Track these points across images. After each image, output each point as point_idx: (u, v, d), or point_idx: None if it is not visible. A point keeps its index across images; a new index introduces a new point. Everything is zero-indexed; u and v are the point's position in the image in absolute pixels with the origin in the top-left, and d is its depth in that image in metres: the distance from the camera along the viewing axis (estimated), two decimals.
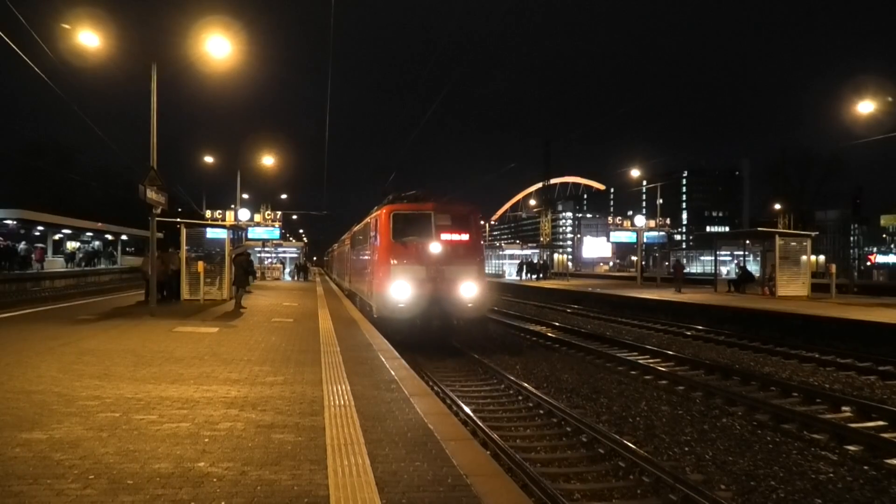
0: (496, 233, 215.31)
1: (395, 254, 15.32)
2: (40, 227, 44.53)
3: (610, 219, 51.23)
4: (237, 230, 37.54)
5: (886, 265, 74.81)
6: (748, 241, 31.57)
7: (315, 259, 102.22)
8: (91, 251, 54.38)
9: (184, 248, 21.07)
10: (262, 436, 5.46)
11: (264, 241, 42.11)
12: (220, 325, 13.93)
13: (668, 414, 10.03)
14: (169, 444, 5.14)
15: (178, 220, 24.48)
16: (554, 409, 9.78)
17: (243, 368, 8.67)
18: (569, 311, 28.91)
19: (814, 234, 30.38)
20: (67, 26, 15.04)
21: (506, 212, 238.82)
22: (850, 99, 26.25)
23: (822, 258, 60.76)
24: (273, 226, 41.22)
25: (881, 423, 9.26)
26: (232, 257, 21.01)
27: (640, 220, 42.98)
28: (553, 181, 78.39)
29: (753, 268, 30.63)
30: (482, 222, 18.27)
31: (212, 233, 22.80)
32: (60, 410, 6.14)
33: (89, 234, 53.93)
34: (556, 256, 75.69)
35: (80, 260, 49.77)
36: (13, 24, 13.96)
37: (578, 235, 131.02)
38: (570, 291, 35.15)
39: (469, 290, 15.35)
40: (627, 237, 43.98)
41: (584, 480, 7.21)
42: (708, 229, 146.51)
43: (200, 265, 20.68)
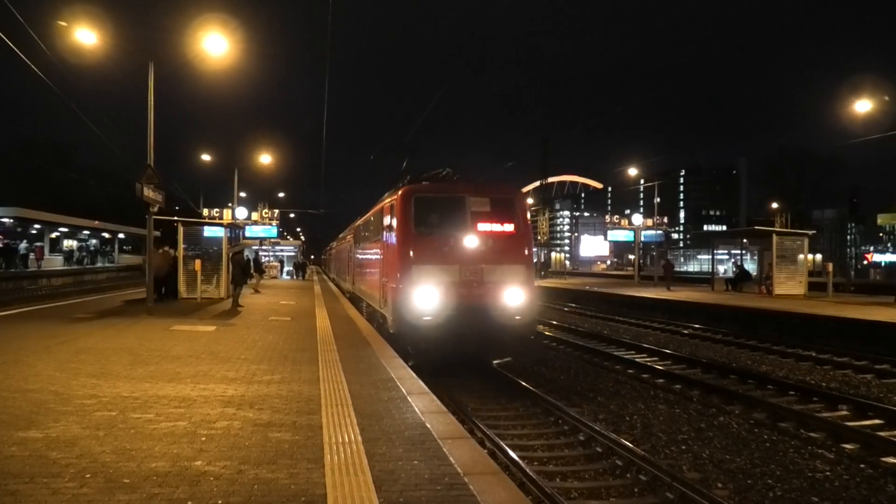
0: None
1: (417, 250, 11.56)
2: (37, 226, 44.45)
3: (607, 217, 51.22)
4: (234, 228, 37.50)
5: (882, 264, 74.96)
6: (745, 240, 31.64)
7: (312, 258, 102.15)
8: (91, 249, 54.35)
9: (181, 247, 21.03)
10: (260, 434, 5.45)
11: (261, 240, 42.05)
12: (218, 324, 13.91)
13: (665, 412, 10.04)
14: (166, 442, 5.14)
15: (176, 218, 24.41)
16: (552, 409, 9.79)
17: (240, 367, 8.66)
18: (566, 309, 28.95)
19: (811, 232, 30.41)
20: (64, 23, 14.99)
21: None
22: (847, 98, 26.32)
23: (818, 257, 60.95)
24: (270, 224, 41.19)
25: (878, 422, 9.29)
26: (229, 256, 21.00)
27: (638, 219, 43.02)
28: (550, 180, 78.14)
29: (751, 266, 30.69)
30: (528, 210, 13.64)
31: (209, 231, 22.69)
32: (57, 409, 6.12)
33: (86, 232, 53.85)
34: (553, 255, 75.72)
35: (81, 257, 49.77)
36: (10, 21, 13.93)
37: (576, 234, 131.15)
38: (567, 290, 35.20)
39: (515, 297, 11.62)
40: (625, 236, 44.05)
41: (582, 479, 7.21)
42: (705, 228, 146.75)
43: (198, 263, 20.65)
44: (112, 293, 24.72)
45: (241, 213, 39.04)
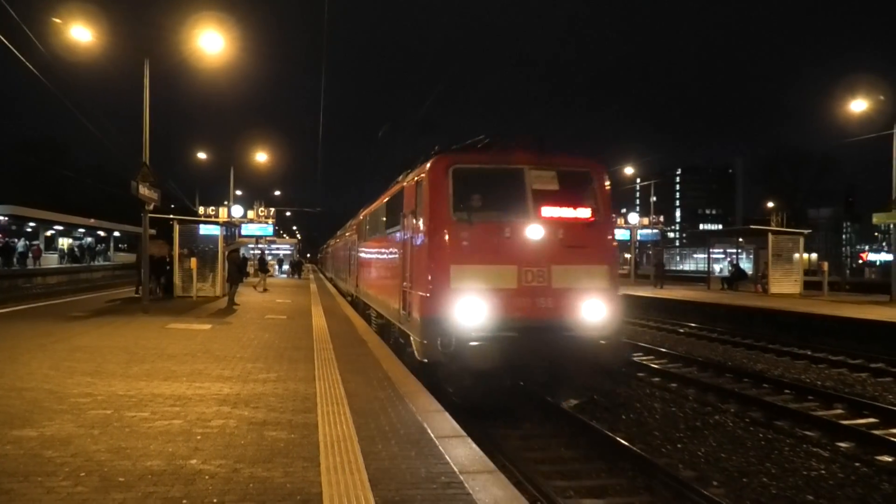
0: None
1: (457, 244, 8.26)
2: (32, 223, 44.31)
3: None
4: (230, 227, 37.43)
5: (877, 263, 75.22)
6: (741, 239, 31.73)
7: (308, 256, 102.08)
8: (86, 247, 54.23)
9: (177, 245, 20.98)
10: (255, 433, 5.44)
11: (257, 238, 41.97)
12: (213, 322, 13.88)
13: (660, 411, 10.05)
14: (161, 441, 5.12)
15: (171, 216, 24.33)
16: (549, 407, 9.78)
17: (236, 365, 8.65)
18: None
19: (806, 231, 30.53)
20: (59, 21, 14.94)
21: None
22: (843, 97, 26.37)
23: (814, 256, 61.06)
24: (266, 222, 41.10)
25: (873, 420, 9.32)
26: (225, 254, 20.97)
27: (634, 218, 43.00)
28: None
29: (746, 265, 30.76)
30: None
31: (205, 229, 22.64)
32: (52, 407, 6.10)
33: (82, 230, 53.69)
34: None
35: (81, 255, 49.76)
36: (5, 18, 13.86)
37: None
38: None
39: (597, 310, 8.45)
40: (621, 235, 44.04)
41: (578, 477, 7.21)
42: (701, 227, 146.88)
43: (193, 261, 20.62)
44: (107, 291, 24.65)
45: (238, 211, 38.95)
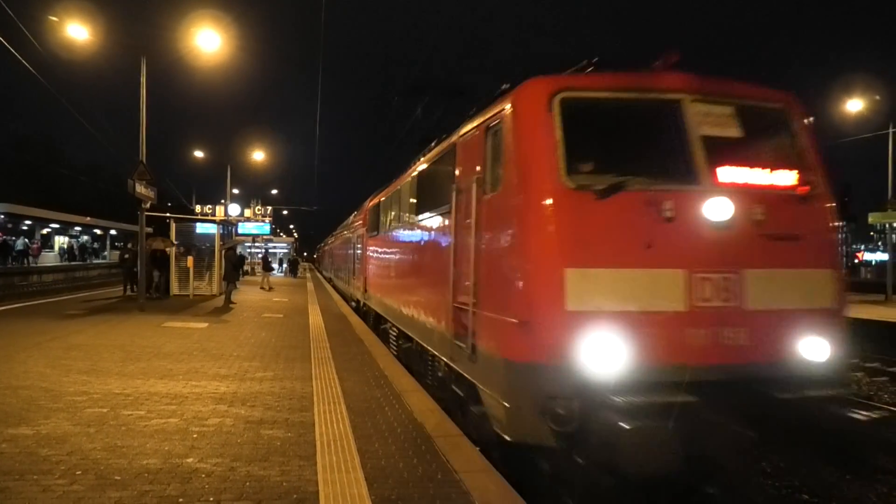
0: None
1: (574, 231, 4.54)
2: (28, 222, 44.18)
3: None
4: (227, 225, 37.42)
5: (873, 262, 75.46)
6: None
7: (305, 254, 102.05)
8: (84, 246, 54.18)
9: (174, 243, 20.95)
10: (252, 432, 5.44)
11: (254, 237, 41.97)
12: (210, 321, 13.87)
13: None
14: (157, 439, 5.12)
15: (168, 214, 24.31)
16: None
17: (233, 364, 8.64)
18: None
19: None
20: (55, 18, 14.90)
21: None
22: (839, 97, 26.42)
23: None
24: (263, 221, 41.11)
25: None
26: (222, 252, 20.95)
27: None
28: None
29: None
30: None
31: (202, 228, 22.61)
32: (47, 406, 6.09)
33: (77, 228, 53.56)
34: None
35: (79, 253, 49.80)
36: (1, 16, 13.81)
37: None
38: None
39: (819, 349, 4.73)
40: None
41: None
42: None
43: (190, 260, 20.59)
44: (103, 290, 24.59)
45: (234, 209, 38.97)
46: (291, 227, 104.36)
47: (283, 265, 49.36)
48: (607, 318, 4.38)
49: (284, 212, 65.76)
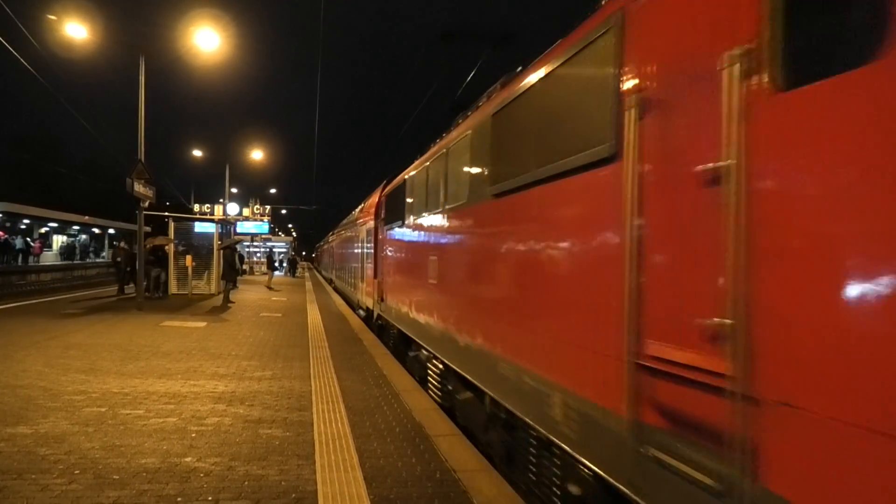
0: None
1: None
2: (26, 220, 44.14)
3: None
4: (226, 224, 37.44)
5: None
6: None
7: (304, 254, 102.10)
8: (87, 244, 54.28)
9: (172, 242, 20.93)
10: (250, 431, 5.44)
11: (252, 236, 41.98)
12: (208, 320, 13.86)
13: None
14: (156, 439, 5.11)
15: (166, 213, 24.29)
16: None
17: (231, 363, 8.64)
18: None
19: None
20: (54, 17, 14.88)
21: None
22: None
23: None
24: (262, 220, 41.11)
25: None
26: (220, 251, 20.93)
27: None
28: None
29: None
30: None
31: (200, 227, 22.60)
32: (46, 405, 6.08)
33: (76, 227, 53.55)
34: None
35: (80, 252, 49.94)
36: None
37: None
38: None
39: None
40: None
41: None
42: None
43: (189, 259, 20.58)
44: (102, 288, 24.56)
45: (233, 208, 38.96)
46: (290, 226, 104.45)
47: (282, 264, 49.50)
48: None
49: (283, 211, 65.85)
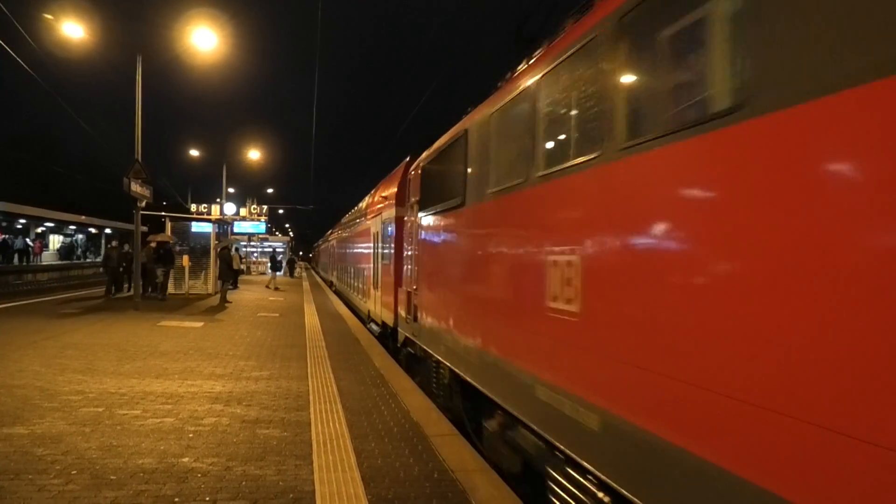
0: None
1: None
2: (22, 220, 44.02)
3: None
4: (223, 224, 37.41)
5: None
6: None
7: (301, 253, 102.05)
8: (85, 244, 54.29)
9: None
10: (248, 431, 5.43)
11: (250, 236, 41.93)
12: (205, 320, 13.84)
13: None
14: (153, 439, 5.10)
15: (163, 213, 24.26)
16: None
17: (228, 363, 8.63)
18: None
19: None
20: (51, 17, 14.85)
21: None
22: None
23: None
24: (259, 220, 41.07)
25: None
26: (217, 251, 20.90)
27: None
28: None
29: None
30: None
31: (197, 227, 22.58)
32: (42, 405, 6.07)
33: (72, 226, 53.46)
34: None
35: (84, 251, 50.03)
36: None
37: None
38: None
39: None
40: None
41: None
42: None
43: (185, 259, 20.55)
44: (99, 288, 24.50)
45: (230, 208, 38.91)
46: (287, 226, 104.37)
47: (281, 265, 49.53)
48: None
49: (280, 210, 65.73)
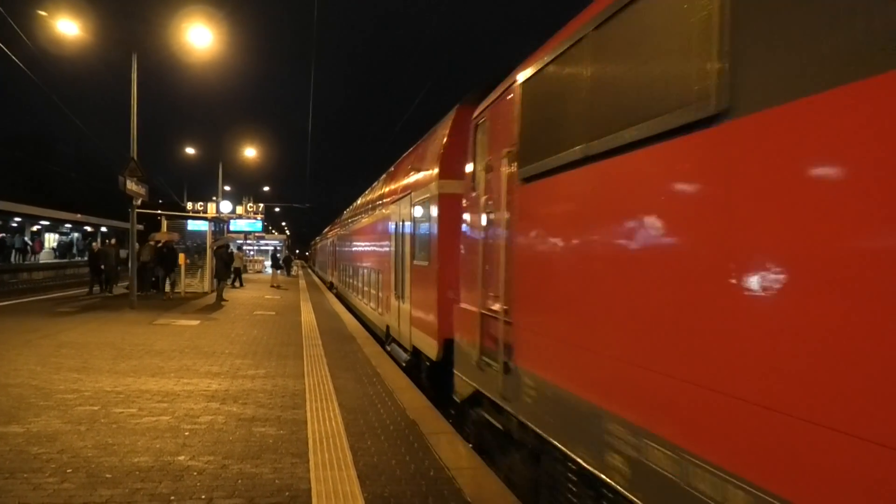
0: None
1: None
2: (17, 219, 43.87)
3: None
4: (219, 222, 37.33)
5: None
6: None
7: (297, 252, 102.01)
8: (72, 242, 54.13)
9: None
10: (244, 429, 5.43)
11: (246, 234, 41.86)
12: (202, 318, 13.82)
13: None
14: (149, 437, 5.10)
15: (159, 211, 24.20)
16: None
17: (224, 361, 8.62)
18: None
19: None
20: (45, 14, 14.79)
21: None
22: None
23: None
24: (255, 218, 41.01)
25: None
26: (213, 249, 20.88)
27: None
28: None
29: None
30: None
31: (193, 225, 22.56)
32: (38, 404, 6.06)
33: (68, 225, 53.32)
34: None
35: (81, 250, 50.00)
36: None
37: None
38: None
39: None
40: None
41: None
42: None
43: (182, 257, 20.51)
44: (96, 287, 24.41)
45: (226, 206, 38.84)
46: (284, 224, 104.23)
47: (282, 262, 49.50)
48: None
49: (276, 209, 65.64)
